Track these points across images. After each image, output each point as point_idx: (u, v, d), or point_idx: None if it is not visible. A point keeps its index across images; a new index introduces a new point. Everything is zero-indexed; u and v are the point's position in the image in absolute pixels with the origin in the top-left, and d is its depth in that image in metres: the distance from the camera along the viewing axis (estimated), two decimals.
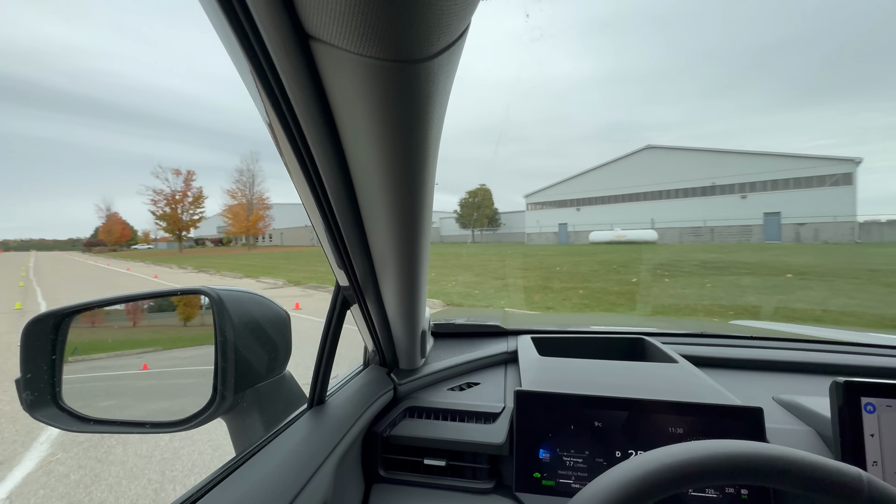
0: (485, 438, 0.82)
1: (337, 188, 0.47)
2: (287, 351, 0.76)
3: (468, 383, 1.03)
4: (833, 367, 1.07)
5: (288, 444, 0.63)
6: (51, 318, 0.68)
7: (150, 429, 0.67)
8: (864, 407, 0.70)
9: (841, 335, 1.43)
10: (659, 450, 0.43)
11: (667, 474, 0.40)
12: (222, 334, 0.63)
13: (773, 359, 1.12)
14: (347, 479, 0.74)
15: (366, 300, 0.73)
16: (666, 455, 0.41)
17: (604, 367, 1.00)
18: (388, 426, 0.86)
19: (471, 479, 0.82)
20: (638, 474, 0.40)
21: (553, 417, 0.80)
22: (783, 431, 0.78)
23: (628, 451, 0.76)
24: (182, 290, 0.72)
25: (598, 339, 1.27)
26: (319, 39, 0.29)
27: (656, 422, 0.77)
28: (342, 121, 0.38)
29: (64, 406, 0.68)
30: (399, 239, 0.56)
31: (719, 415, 0.75)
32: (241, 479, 0.54)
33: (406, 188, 0.46)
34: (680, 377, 0.93)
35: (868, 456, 0.68)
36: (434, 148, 0.43)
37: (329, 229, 0.54)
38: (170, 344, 0.81)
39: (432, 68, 0.31)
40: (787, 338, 1.29)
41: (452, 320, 1.35)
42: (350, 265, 0.62)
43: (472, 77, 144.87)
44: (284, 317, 0.76)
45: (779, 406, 0.89)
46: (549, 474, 0.77)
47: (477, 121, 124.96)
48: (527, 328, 1.35)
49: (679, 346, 1.16)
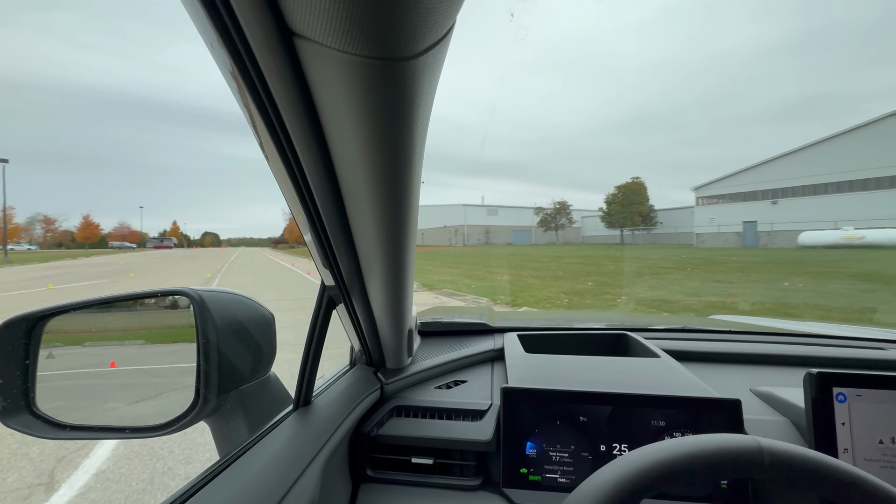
0: (472, 436, 0.83)
1: (322, 187, 0.47)
2: (272, 352, 0.75)
3: (455, 381, 1.03)
4: (807, 359, 1.11)
5: (273, 445, 0.62)
6: (23, 322, 0.66)
7: (129, 434, 0.65)
8: (836, 397, 0.72)
9: (815, 328, 1.48)
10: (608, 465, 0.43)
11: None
12: (204, 336, 0.61)
13: (751, 352, 1.15)
14: (335, 480, 0.74)
15: (352, 299, 0.72)
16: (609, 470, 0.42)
17: (588, 362, 1.01)
18: (376, 426, 0.86)
19: (458, 477, 0.83)
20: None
21: (539, 413, 0.81)
22: (760, 422, 0.81)
23: (612, 444, 0.78)
24: (162, 292, 0.70)
25: (583, 336, 1.29)
26: (304, 36, 0.29)
27: (639, 415, 0.78)
28: (327, 119, 0.38)
29: (38, 413, 0.65)
30: (385, 237, 0.55)
31: (699, 407, 0.77)
32: (225, 482, 0.54)
33: (392, 187, 0.46)
34: (661, 371, 0.95)
35: (839, 443, 0.71)
36: (420, 146, 0.43)
37: (314, 228, 0.53)
38: (152, 341, 0.80)
39: (418, 66, 0.31)
40: (765, 331, 1.33)
41: (439, 319, 1.36)
42: (336, 264, 0.62)
43: (619, 60, 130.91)
44: (269, 318, 0.75)
45: (756, 398, 0.92)
46: (536, 469, 0.78)
47: (624, 109, 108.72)
48: (513, 325, 1.36)
49: (661, 342, 1.19)
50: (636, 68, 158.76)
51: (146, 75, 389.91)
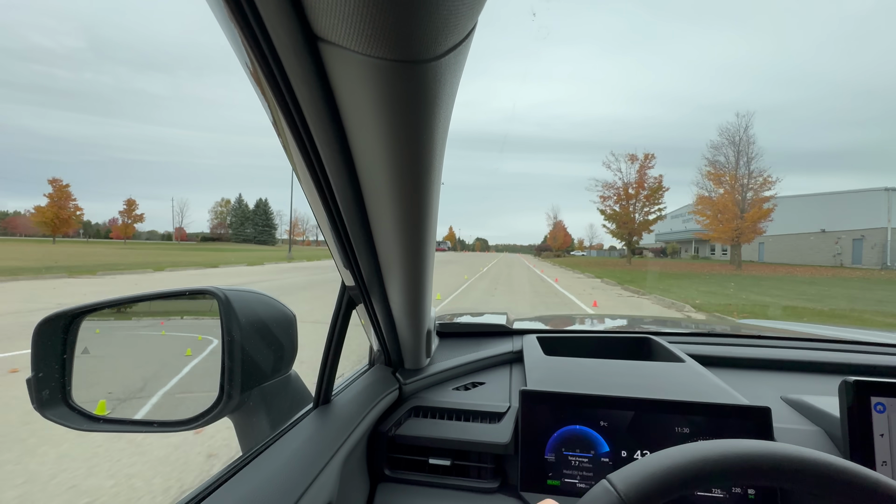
0: (490, 438, 0.82)
1: (343, 188, 0.47)
2: (293, 351, 0.77)
3: (473, 383, 1.03)
4: (842, 366, 1.06)
5: (294, 443, 0.64)
6: (62, 319, 0.69)
7: (157, 428, 0.67)
8: (874, 406, 0.69)
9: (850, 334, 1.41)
10: (671, 449, 0.43)
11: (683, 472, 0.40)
12: (229, 334, 0.63)
13: (781, 358, 1.11)
14: (353, 478, 0.74)
15: (371, 300, 0.73)
16: (680, 454, 0.42)
17: (610, 366, 0.99)
18: (394, 425, 0.87)
19: (476, 479, 0.82)
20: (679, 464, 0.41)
21: (558, 417, 0.80)
22: (791, 431, 0.78)
23: (634, 450, 0.76)
24: (190, 291, 0.72)
25: (604, 339, 1.27)
26: (328, 41, 0.30)
27: (663, 421, 0.76)
28: (349, 121, 0.39)
29: (74, 405, 0.68)
30: (405, 239, 0.56)
31: (726, 414, 0.75)
32: (247, 478, 0.55)
33: (412, 188, 0.46)
34: (687, 376, 0.93)
35: (878, 456, 0.67)
36: (440, 147, 0.44)
37: (335, 229, 0.54)
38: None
39: (440, 68, 0.31)
40: (796, 337, 1.28)
41: (457, 320, 1.35)
42: (356, 265, 0.63)
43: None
44: (290, 317, 0.77)
45: (787, 406, 0.88)
46: (555, 474, 0.77)
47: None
48: (532, 328, 1.34)
49: (686, 346, 1.16)
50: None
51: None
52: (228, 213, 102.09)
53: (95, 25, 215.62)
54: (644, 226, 34.80)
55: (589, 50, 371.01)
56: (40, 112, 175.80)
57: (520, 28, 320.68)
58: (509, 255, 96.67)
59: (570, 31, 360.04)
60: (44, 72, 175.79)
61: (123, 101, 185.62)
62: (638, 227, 34.72)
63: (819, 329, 1.61)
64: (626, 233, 34.93)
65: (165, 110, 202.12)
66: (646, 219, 34.54)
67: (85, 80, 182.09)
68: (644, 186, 34.15)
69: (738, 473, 0.40)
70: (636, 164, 34.70)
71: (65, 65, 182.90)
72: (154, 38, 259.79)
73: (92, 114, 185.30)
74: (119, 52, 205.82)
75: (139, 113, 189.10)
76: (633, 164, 34.96)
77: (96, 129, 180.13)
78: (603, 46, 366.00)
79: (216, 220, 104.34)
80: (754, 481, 0.40)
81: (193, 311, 0.84)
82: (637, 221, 34.57)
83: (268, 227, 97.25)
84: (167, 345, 0.85)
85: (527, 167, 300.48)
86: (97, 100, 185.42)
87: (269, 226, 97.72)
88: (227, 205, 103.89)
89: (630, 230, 34.65)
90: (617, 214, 34.82)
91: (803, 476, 0.39)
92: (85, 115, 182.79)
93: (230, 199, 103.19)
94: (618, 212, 34.80)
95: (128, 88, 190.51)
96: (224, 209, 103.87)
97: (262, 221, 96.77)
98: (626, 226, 34.51)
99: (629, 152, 35.46)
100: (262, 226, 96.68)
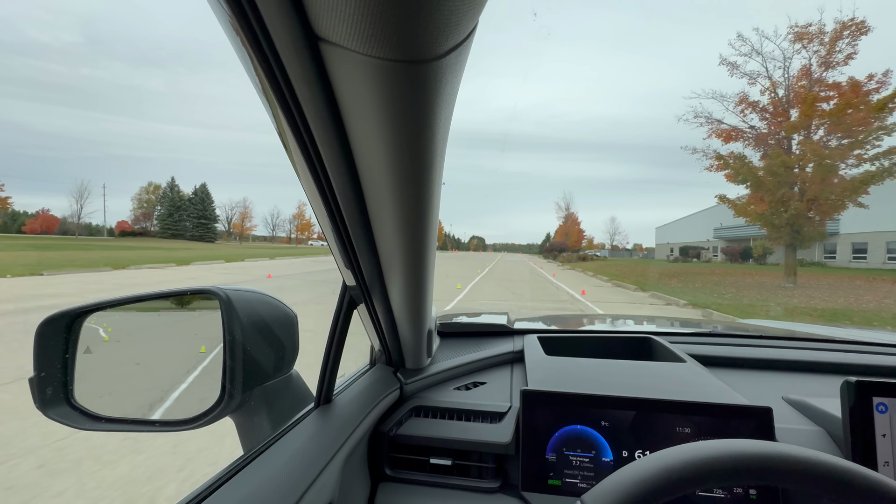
0: (491, 438, 0.82)
1: (344, 188, 0.47)
2: (294, 350, 0.77)
3: (474, 383, 1.03)
4: (844, 366, 1.06)
5: (295, 442, 0.64)
6: (64, 318, 0.69)
7: (159, 427, 0.68)
8: (876, 407, 0.69)
9: (851, 334, 1.41)
10: (667, 450, 0.43)
11: (671, 475, 0.40)
12: (230, 334, 0.63)
13: (783, 358, 1.10)
14: (354, 478, 0.75)
15: (372, 300, 0.73)
16: (672, 455, 0.41)
17: (611, 366, 0.99)
18: (395, 425, 0.87)
19: (477, 479, 0.82)
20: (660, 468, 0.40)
21: (559, 417, 0.80)
22: (793, 431, 0.78)
23: (636, 450, 0.76)
24: (191, 290, 0.73)
25: (605, 339, 1.27)
26: (329, 41, 0.30)
27: (664, 421, 0.76)
28: (350, 121, 0.39)
29: (76, 405, 0.69)
30: (406, 238, 0.56)
31: (727, 414, 0.75)
32: (248, 477, 0.55)
33: (413, 188, 0.46)
34: (688, 377, 0.92)
35: (879, 456, 0.67)
36: (441, 148, 0.44)
37: (336, 229, 0.54)
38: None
39: (441, 68, 0.31)
40: (797, 337, 1.27)
41: (458, 320, 1.35)
42: (357, 265, 0.63)
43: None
44: (292, 317, 0.77)
45: (788, 406, 0.88)
46: (556, 474, 0.77)
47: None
48: (533, 328, 1.34)
49: (687, 346, 1.15)
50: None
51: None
52: (157, 202, 77.87)
53: (93, 20, 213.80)
54: (850, 188, 13.41)
55: (590, 49, 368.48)
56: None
57: (521, 28, 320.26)
58: (509, 255, 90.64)
59: (572, 31, 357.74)
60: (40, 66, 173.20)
61: (119, 96, 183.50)
62: (835, 195, 13.71)
63: (821, 329, 1.60)
64: (793, 209, 14.04)
65: (161, 107, 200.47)
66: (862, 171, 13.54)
67: (81, 76, 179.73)
68: (860, 90, 13.54)
69: (720, 476, 0.40)
70: (824, 47, 14.67)
71: (62, 60, 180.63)
72: (152, 35, 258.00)
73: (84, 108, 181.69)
74: (116, 47, 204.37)
75: (136, 109, 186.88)
76: (809, 46, 15.07)
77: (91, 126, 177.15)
78: (604, 45, 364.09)
79: (139, 209, 79.26)
80: (746, 482, 0.40)
81: (195, 311, 0.84)
82: (824, 180, 13.67)
83: (205, 219, 73.77)
84: (176, 344, 0.85)
85: (526, 166, 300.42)
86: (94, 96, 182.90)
87: (208, 217, 74.26)
88: (157, 191, 78.71)
89: (812, 198, 13.93)
90: (774, 166, 14.23)
91: (798, 476, 0.39)
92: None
93: (161, 185, 77.92)
94: (777, 159, 14.17)
95: (124, 84, 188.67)
96: (153, 196, 79.16)
97: (199, 212, 72.89)
98: (792, 193, 14.39)
99: (795, 24, 15.24)
100: (199, 217, 72.73)
